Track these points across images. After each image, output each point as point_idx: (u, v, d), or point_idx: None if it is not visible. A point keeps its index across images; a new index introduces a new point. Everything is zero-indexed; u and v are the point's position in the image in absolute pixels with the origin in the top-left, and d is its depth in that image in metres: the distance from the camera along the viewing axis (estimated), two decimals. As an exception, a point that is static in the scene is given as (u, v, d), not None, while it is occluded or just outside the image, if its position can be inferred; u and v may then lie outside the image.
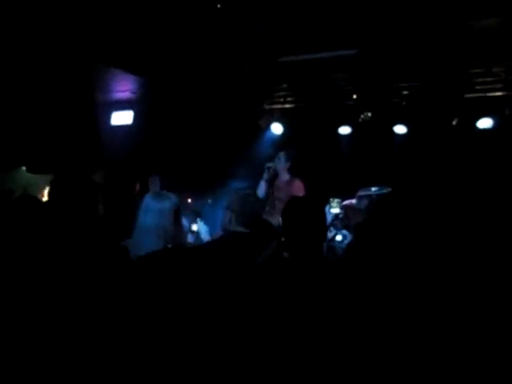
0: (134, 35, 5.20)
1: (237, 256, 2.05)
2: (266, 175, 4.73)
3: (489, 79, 5.87)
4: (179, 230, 2.33)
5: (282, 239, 1.88)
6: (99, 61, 5.66)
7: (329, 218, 3.13)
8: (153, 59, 5.68)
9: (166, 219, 2.27)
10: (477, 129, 5.96)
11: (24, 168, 6.54)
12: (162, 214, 2.24)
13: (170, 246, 2.19)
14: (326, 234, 1.90)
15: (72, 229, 1.76)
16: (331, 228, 3.58)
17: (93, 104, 6.23)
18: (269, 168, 4.72)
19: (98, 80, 6.36)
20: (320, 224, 1.77)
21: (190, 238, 4.06)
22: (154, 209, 2.26)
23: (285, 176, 4.98)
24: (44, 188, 5.16)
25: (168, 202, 2.28)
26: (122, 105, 7.41)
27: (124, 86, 6.74)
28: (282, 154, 5.01)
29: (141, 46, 5.38)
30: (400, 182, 5.37)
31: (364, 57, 5.70)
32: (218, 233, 3.25)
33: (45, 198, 5.18)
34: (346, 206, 4.56)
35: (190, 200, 6.47)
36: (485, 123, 5.93)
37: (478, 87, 5.93)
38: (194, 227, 3.93)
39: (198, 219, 2.82)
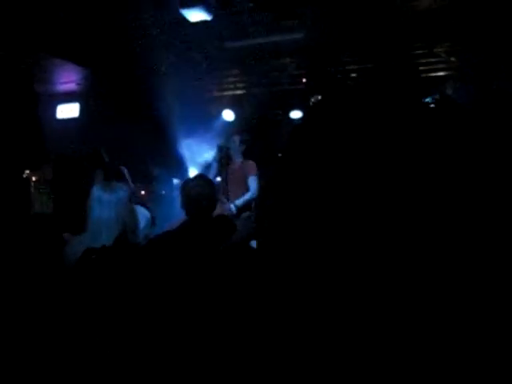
0: (73, 23, 5.00)
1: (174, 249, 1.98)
2: (217, 156, 4.73)
3: (431, 60, 6.04)
4: (135, 220, 2.22)
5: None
6: (39, 50, 5.44)
7: None
8: (95, 48, 5.50)
9: (124, 210, 2.19)
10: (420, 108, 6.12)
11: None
12: (119, 204, 2.17)
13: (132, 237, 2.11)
14: None
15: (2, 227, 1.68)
16: None
17: (34, 96, 5.97)
18: (220, 148, 4.71)
19: (40, 71, 6.11)
20: None
21: None
22: (109, 200, 2.16)
23: (238, 158, 5.00)
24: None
25: (122, 192, 2.19)
26: (68, 97, 7.15)
27: (67, 77, 6.49)
28: (236, 137, 5.03)
29: (81, 35, 5.19)
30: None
31: (311, 40, 5.72)
32: (169, 224, 3.18)
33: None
34: None
35: (143, 192, 6.36)
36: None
37: (421, 68, 6.09)
38: None
39: None
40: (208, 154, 5.83)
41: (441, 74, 6.06)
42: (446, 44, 5.98)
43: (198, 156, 6.30)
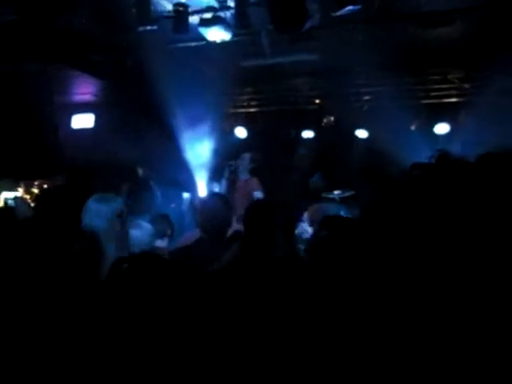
0: (92, 37, 5.13)
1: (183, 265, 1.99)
2: (226, 173, 4.83)
3: (444, 86, 6.10)
4: (125, 234, 2.20)
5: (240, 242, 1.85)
6: (59, 62, 5.56)
7: None
8: (111, 61, 5.61)
9: (117, 222, 2.15)
10: (434, 133, 6.17)
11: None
12: (113, 216, 2.13)
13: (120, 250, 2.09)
14: (291, 238, 1.86)
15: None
16: None
17: (52, 107, 6.09)
18: (230, 166, 4.81)
19: (59, 82, 6.23)
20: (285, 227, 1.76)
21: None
22: (106, 211, 2.12)
23: (244, 176, 5.06)
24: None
25: (116, 204, 2.16)
26: (83, 108, 7.28)
27: (84, 88, 6.62)
28: (246, 155, 5.10)
29: (99, 48, 5.31)
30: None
31: (325, 62, 5.80)
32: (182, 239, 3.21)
33: (0, 204, 5.00)
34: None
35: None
36: (442, 128, 6.14)
37: (433, 93, 6.14)
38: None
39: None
40: (218, 170, 5.89)
41: (453, 100, 6.11)
42: (460, 71, 6.03)
43: (208, 171, 6.36)
